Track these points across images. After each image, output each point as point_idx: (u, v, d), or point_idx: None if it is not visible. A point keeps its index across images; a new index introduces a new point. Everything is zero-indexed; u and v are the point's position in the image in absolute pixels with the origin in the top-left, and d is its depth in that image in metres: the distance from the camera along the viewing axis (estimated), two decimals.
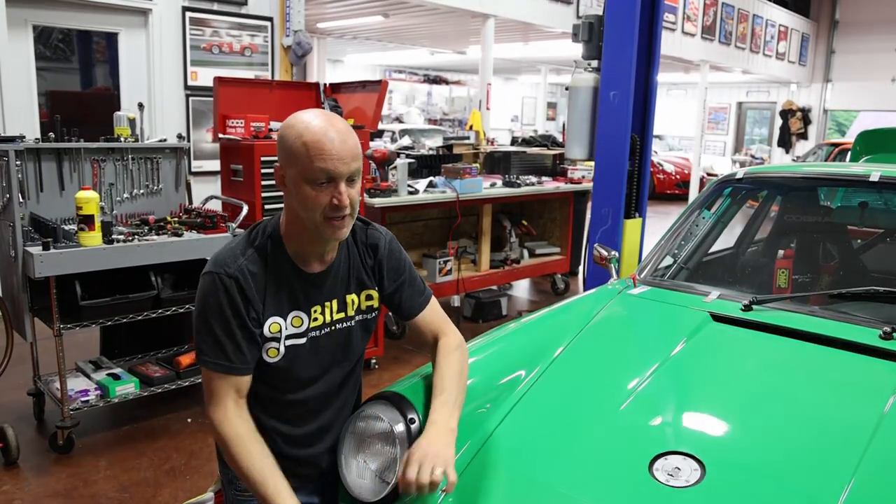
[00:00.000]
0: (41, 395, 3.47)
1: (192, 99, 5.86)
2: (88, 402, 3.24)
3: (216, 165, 4.79)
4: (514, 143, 8.30)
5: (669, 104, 18.41)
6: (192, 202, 3.87)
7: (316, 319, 1.56)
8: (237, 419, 1.46)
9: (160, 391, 3.42)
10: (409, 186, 4.60)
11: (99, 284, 3.16)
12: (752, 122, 19.92)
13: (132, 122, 3.65)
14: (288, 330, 1.52)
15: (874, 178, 2.39)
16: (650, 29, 4.19)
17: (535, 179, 5.79)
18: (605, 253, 2.76)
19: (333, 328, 1.59)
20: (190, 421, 3.52)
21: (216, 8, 5.90)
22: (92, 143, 3.47)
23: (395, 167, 4.58)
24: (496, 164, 6.24)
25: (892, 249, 2.96)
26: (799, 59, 16.85)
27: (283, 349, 1.52)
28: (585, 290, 3.16)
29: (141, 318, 3.28)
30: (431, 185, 4.83)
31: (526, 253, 5.99)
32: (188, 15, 5.73)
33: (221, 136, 4.13)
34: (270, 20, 6.23)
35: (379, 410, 1.63)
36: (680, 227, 2.70)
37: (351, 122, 1.46)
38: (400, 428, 1.58)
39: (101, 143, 3.51)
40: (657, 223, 6.22)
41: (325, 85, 4.84)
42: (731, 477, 1.44)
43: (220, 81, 4.26)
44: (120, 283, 3.21)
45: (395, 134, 11.56)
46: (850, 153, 4.91)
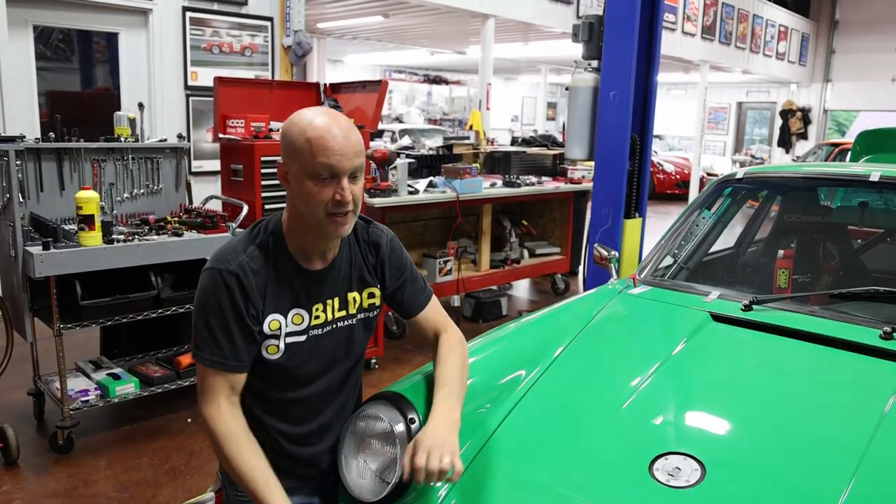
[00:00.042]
0: (41, 394, 3.47)
1: (192, 99, 5.86)
2: (88, 402, 3.24)
3: (216, 165, 4.79)
4: (514, 143, 8.31)
5: (669, 104, 18.41)
6: (192, 202, 3.87)
7: (318, 318, 1.56)
8: (230, 416, 1.46)
9: (160, 391, 3.42)
10: (409, 186, 4.60)
11: (99, 284, 3.16)
12: (752, 122, 19.92)
13: (132, 121, 3.65)
14: (288, 327, 1.52)
15: (874, 178, 2.39)
16: (650, 29, 4.19)
17: (535, 179, 5.79)
18: (605, 253, 2.76)
19: (335, 326, 1.60)
20: (190, 421, 3.52)
21: (216, 8, 5.90)
22: (92, 143, 3.47)
23: (395, 167, 4.58)
24: (496, 164, 6.24)
25: (892, 249, 2.96)
26: (799, 59, 16.86)
27: (283, 346, 1.52)
28: (585, 290, 3.17)
29: (141, 318, 3.28)
30: (431, 185, 4.83)
31: (526, 253, 5.98)
32: (188, 15, 5.73)
33: (221, 136, 4.14)
34: (270, 20, 6.23)
35: (379, 410, 1.63)
36: (680, 227, 2.70)
37: (351, 122, 1.47)
38: (400, 428, 1.58)
39: (101, 143, 3.51)
40: (657, 223, 6.22)
41: (325, 85, 4.85)
42: (731, 477, 1.44)
43: (220, 81, 4.27)
44: (120, 283, 3.21)
45: (395, 134, 11.56)
46: (850, 153, 4.91)
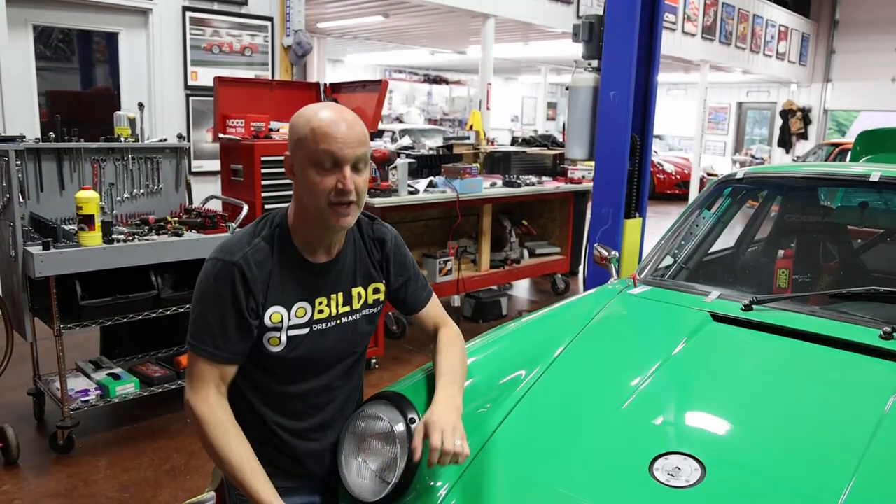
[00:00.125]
0: (41, 394, 3.47)
1: (192, 99, 5.86)
2: (88, 401, 3.24)
3: (216, 165, 4.80)
4: (514, 142, 8.31)
5: (669, 104, 18.42)
6: (192, 202, 3.87)
7: (322, 312, 1.56)
8: (217, 405, 1.47)
9: (160, 391, 3.42)
10: (409, 186, 4.60)
11: (99, 284, 3.16)
12: (752, 122, 19.92)
13: (132, 121, 3.65)
14: (291, 320, 1.52)
15: (874, 178, 2.39)
16: (650, 29, 4.19)
17: (535, 179, 5.79)
18: (605, 253, 2.76)
19: (339, 322, 1.60)
20: (190, 421, 3.51)
21: (216, 8, 5.91)
22: (92, 142, 3.47)
23: (395, 167, 4.58)
24: (496, 163, 6.24)
25: (892, 249, 2.96)
26: (799, 59, 16.86)
27: (285, 339, 1.52)
28: (585, 290, 3.16)
29: (141, 318, 3.28)
30: (431, 184, 4.83)
31: (526, 253, 5.99)
32: (188, 15, 5.73)
33: (222, 135, 4.14)
34: (270, 20, 6.23)
35: (379, 410, 1.63)
36: (680, 227, 2.70)
37: (357, 116, 1.50)
38: (400, 428, 1.58)
39: (101, 142, 3.51)
40: (657, 223, 6.22)
41: (325, 85, 4.85)
42: (731, 477, 1.43)
43: (220, 81, 4.27)
44: (120, 282, 3.20)
45: (395, 134, 11.56)
46: (850, 153, 4.91)
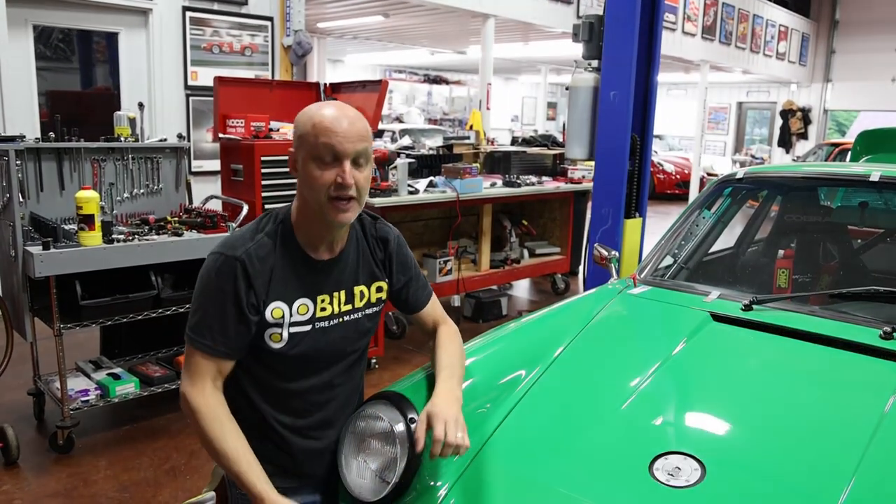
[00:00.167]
0: (41, 394, 3.47)
1: (192, 99, 5.86)
2: (88, 401, 3.24)
3: (216, 165, 4.80)
4: (514, 142, 8.31)
5: (669, 104, 18.42)
6: (192, 202, 3.87)
7: (324, 310, 1.57)
8: (213, 398, 1.48)
9: (160, 391, 3.42)
10: (409, 186, 4.60)
11: (99, 284, 3.16)
12: (752, 122, 19.92)
13: (132, 121, 3.65)
14: (293, 317, 1.53)
15: (874, 178, 2.39)
16: (650, 29, 4.19)
17: (535, 179, 5.79)
18: (605, 253, 2.76)
19: (341, 320, 1.60)
20: (185, 413, 3.51)
21: (216, 8, 5.90)
22: (92, 142, 3.47)
23: (395, 167, 4.58)
24: (496, 163, 6.24)
25: (892, 249, 2.96)
26: (799, 59, 16.85)
27: (286, 336, 1.53)
28: (585, 289, 3.16)
29: (141, 317, 3.28)
30: (431, 184, 4.83)
31: (526, 253, 5.99)
32: (188, 15, 5.73)
33: (222, 135, 4.14)
34: (271, 20, 6.23)
35: (379, 410, 1.63)
36: (680, 226, 2.70)
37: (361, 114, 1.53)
38: (400, 427, 1.58)
39: (101, 142, 3.51)
40: (657, 223, 6.22)
41: (325, 85, 4.85)
42: (731, 477, 1.44)
43: (220, 81, 4.27)
44: (120, 282, 3.20)
45: (395, 134, 11.56)
46: (850, 153, 4.91)
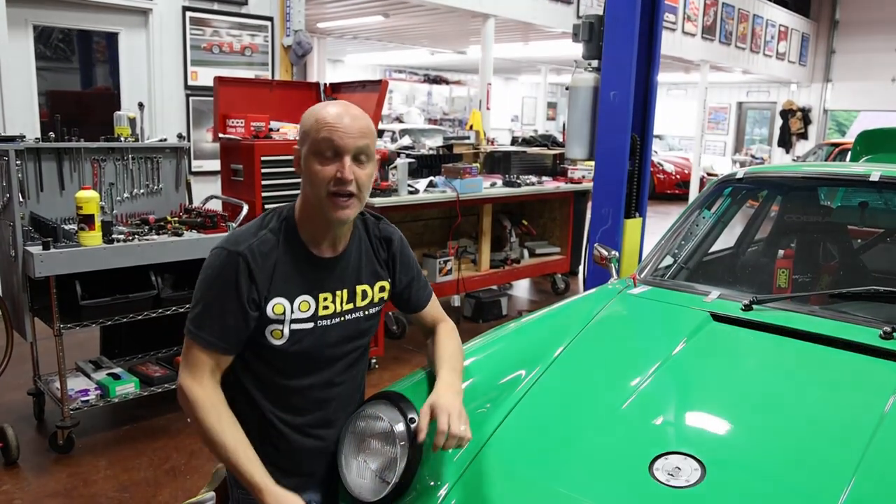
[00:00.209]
0: (41, 394, 3.47)
1: (192, 99, 5.86)
2: (88, 401, 3.24)
3: (216, 165, 4.79)
4: (514, 142, 8.31)
5: (669, 104, 18.42)
6: (192, 202, 3.87)
7: (327, 308, 1.57)
8: (211, 390, 1.49)
9: (160, 391, 3.42)
10: (409, 186, 4.60)
11: (99, 284, 3.16)
12: (752, 122, 19.92)
13: (132, 121, 3.65)
14: (295, 314, 1.53)
15: (874, 178, 2.39)
16: (650, 29, 4.19)
17: (535, 179, 5.79)
18: (605, 253, 2.76)
19: (343, 318, 1.61)
20: (190, 420, 3.51)
21: (216, 8, 5.90)
22: (92, 142, 3.47)
23: (395, 167, 4.58)
24: (496, 163, 6.24)
25: (892, 249, 2.96)
26: (799, 59, 16.85)
27: (287, 332, 1.53)
28: (585, 289, 3.16)
29: (141, 317, 3.28)
30: (431, 184, 4.83)
31: (526, 253, 5.99)
32: (188, 15, 5.73)
33: (222, 135, 4.14)
34: (271, 20, 6.23)
35: (379, 410, 1.63)
36: (680, 226, 2.70)
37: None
38: (400, 427, 1.58)
39: (101, 142, 3.51)
40: (657, 223, 6.22)
41: (325, 85, 4.85)
42: (731, 477, 1.44)
43: (220, 81, 4.27)
44: (120, 282, 3.20)
45: (395, 134, 11.56)
46: (850, 153, 4.91)
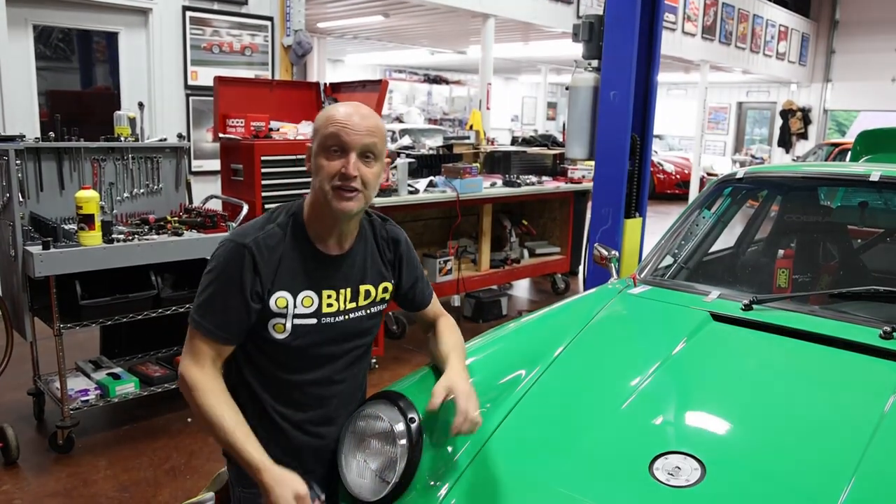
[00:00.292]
0: (41, 394, 3.47)
1: (192, 98, 5.86)
2: (88, 401, 3.24)
3: (216, 165, 4.79)
4: (514, 142, 8.31)
5: (669, 104, 18.40)
6: (192, 202, 3.86)
7: (331, 305, 1.59)
8: (210, 375, 1.50)
9: (160, 391, 3.42)
10: (409, 186, 4.60)
11: (99, 284, 3.15)
12: (752, 122, 19.92)
13: (132, 121, 3.65)
14: (297, 309, 1.54)
15: (874, 177, 2.39)
16: (650, 29, 4.19)
17: (535, 179, 5.79)
18: (605, 252, 2.76)
19: (346, 317, 1.62)
20: (190, 421, 3.51)
21: (216, 7, 5.90)
22: (92, 142, 3.47)
23: (395, 167, 4.58)
24: (496, 163, 6.24)
25: (892, 249, 2.96)
26: (799, 59, 16.85)
27: (290, 327, 1.54)
28: (585, 289, 3.16)
29: (141, 317, 3.28)
30: (431, 184, 4.83)
31: (526, 253, 5.99)
32: (188, 14, 5.73)
33: (222, 135, 4.14)
34: (271, 20, 6.23)
35: (379, 409, 1.63)
36: (680, 226, 2.70)
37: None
38: (400, 427, 1.59)
39: (101, 142, 3.51)
40: (657, 223, 6.22)
41: (325, 85, 4.85)
42: (731, 476, 1.44)
43: (220, 81, 4.27)
44: (120, 282, 3.20)
45: (395, 134, 11.55)
46: (850, 153, 4.91)
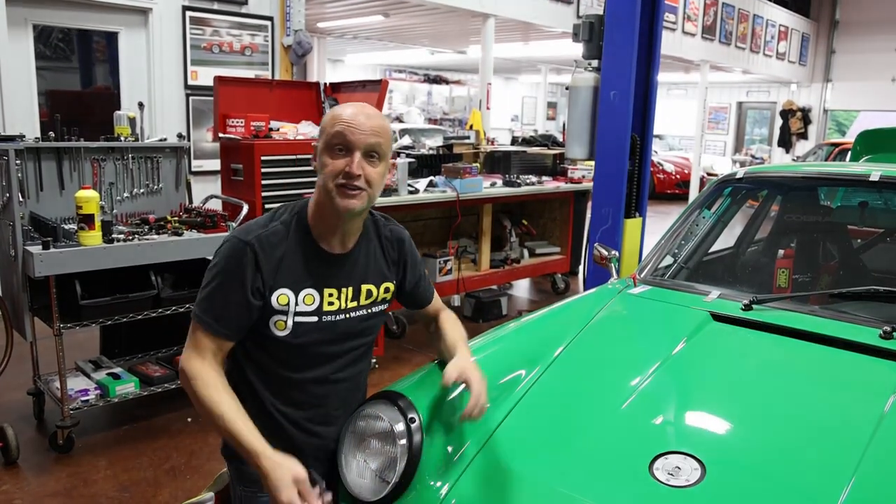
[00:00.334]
0: (41, 394, 3.47)
1: (192, 98, 5.86)
2: (88, 401, 3.24)
3: (216, 165, 4.79)
4: (514, 142, 8.31)
5: (669, 104, 18.39)
6: (192, 201, 3.87)
7: (332, 304, 1.59)
8: (212, 368, 1.51)
9: (160, 391, 3.42)
10: (409, 186, 4.60)
11: (99, 284, 3.15)
12: (752, 121, 19.91)
13: (132, 121, 3.65)
14: (299, 306, 1.55)
15: (874, 177, 2.39)
16: (650, 29, 4.19)
17: (535, 179, 5.79)
18: (605, 252, 2.76)
19: (347, 316, 1.62)
20: (190, 420, 3.51)
21: (216, 7, 5.90)
22: (92, 142, 3.47)
23: (395, 167, 4.57)
24: (496, 163, 6.24)
25: (892, 249, 2.96)
26: (799, 59, 16.85)
27: (291, 324, 1.55)
28: (585, 289, 3.16)
29: (141, 317, 3.28)
30: (432, 184, 4.83)
31: (526, 252, 5.99)
32: (188, 14, 5.73)
33: (222, 135, 4.14)
34: (271, 20, 6.23)
35: (379, 409, 1.63)
36: (680, 226, 2.70)
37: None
38: (400, 427, 1.59)
39: (101, 142, 3.51)
40: (657, 223, 6.21)
41: (325, 84, 4.85)
42: (731, 477, 1.44)
43: (220, 81, 4.27)
44: (120, 282, 3.20)
45: (395, 133, 11.54)
46: (850, 153, 4.91)
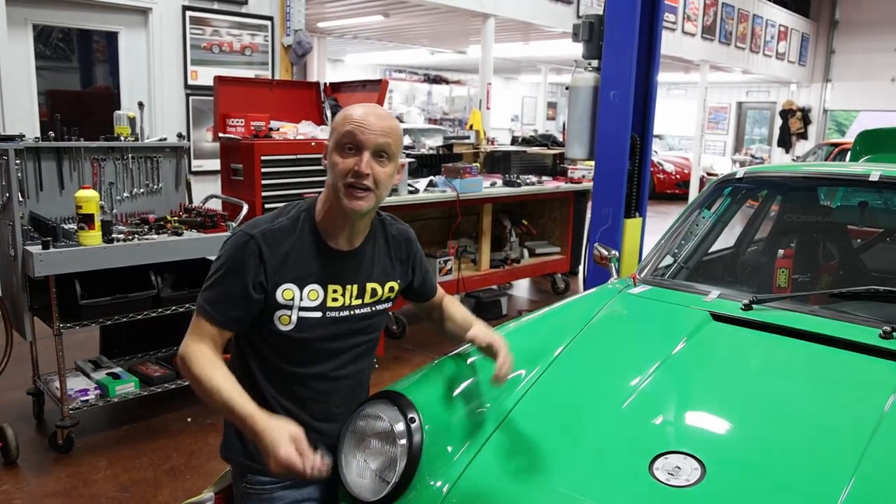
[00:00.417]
0: (41, 394, 3.47)
1: (192, 98, 5.86)
2: (88, 401, 3.24)
3: (216, 165, 4.79)
4: (514, 142, 8.31)
5: (669, 104, 18.39)
6: (192, 201, 3.86)
7: (336, 300, 1.59)
8: (209, 351, 1.52)
9: (160, 391, 3.42)
10: (409, 186, 4.60)
11: (99, 283, 3.15)
12: (752, 121, 19.92)
13: (132, 121, 3.65)
14: (303, 301, 1.56)
15: (874, 177, 2.39)
16: (650, 29, 4.19)
17: (535, 179, 5.79)
18: (605, 252, 2.76)
19: (351, 313, 1.62)
20: (190, 420, 3.51)
21: (216, 7, 5.90)
22: (92, 142, 3.47)
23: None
24: (496, 163, 6.24)
25: (892, 249, 2.96)
26: (799, 59, 16.85)
27: (295, 318, 1.55)
28: (585, 289, 3.16)
29: (141, 317, 3.28)
30: (432, 184, 4.83)
31: (526, 252, 5.99)
32: (188, 14, 5.73)
33: (222, 135, 4.14)
34: (271, 19, 6.23)
35: (379, 409, 1.63)
36: (680, 226, 2.70)
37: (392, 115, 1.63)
38: (400, 427, 1.58)
39: (101, 142, 3.51)
40: (657, 223, 6.21)
41: (325, 84, 4.85)
42: (731, 476, 1.44)
43: (220, 80, 4.27)
44: (120, 282, 3.20)
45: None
46: (850, 153, 4.91)
